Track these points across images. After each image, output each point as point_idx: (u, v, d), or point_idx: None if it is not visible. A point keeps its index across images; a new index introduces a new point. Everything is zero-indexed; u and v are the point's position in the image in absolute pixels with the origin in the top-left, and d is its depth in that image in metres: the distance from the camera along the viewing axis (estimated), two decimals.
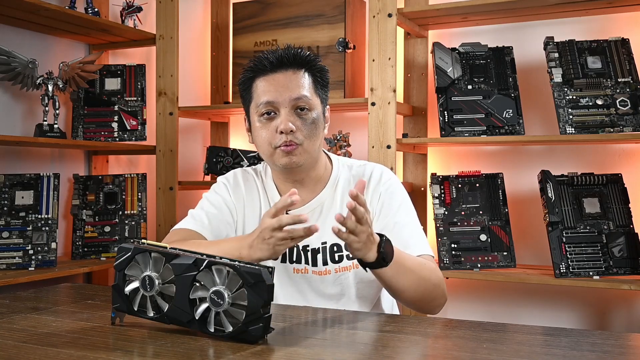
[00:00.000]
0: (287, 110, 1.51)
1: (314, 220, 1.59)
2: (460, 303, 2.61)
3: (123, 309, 1.21)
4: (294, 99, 1.52)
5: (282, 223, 1.29)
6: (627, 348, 1.17)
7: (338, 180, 1.63)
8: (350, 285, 1.58)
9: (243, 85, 1.60)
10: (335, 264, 1.58)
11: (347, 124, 2.76)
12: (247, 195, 1.66)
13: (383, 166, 1.67)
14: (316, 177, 1.62)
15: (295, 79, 1.53)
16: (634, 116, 2.24)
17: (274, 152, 1.53)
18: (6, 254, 2.43)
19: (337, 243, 1.58)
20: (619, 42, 2.34)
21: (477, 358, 1.03)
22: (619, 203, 2.28)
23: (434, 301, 1.51)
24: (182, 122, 2.90)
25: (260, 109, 1.53)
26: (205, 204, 1.65)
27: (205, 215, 1.61)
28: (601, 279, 2.20)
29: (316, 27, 2.58)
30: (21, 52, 2.53)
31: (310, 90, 1.54)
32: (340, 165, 1.67)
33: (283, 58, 1.54)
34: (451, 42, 2.55)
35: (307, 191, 1.62)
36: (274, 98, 1.52)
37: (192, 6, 3.08)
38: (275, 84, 1.53)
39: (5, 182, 2.50)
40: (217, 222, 1.61)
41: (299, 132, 1.51)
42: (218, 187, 1.69)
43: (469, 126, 2.38)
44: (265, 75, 1.54)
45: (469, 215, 2.42)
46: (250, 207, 1.65)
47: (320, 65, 1.59)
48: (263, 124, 1.54)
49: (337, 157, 1.70)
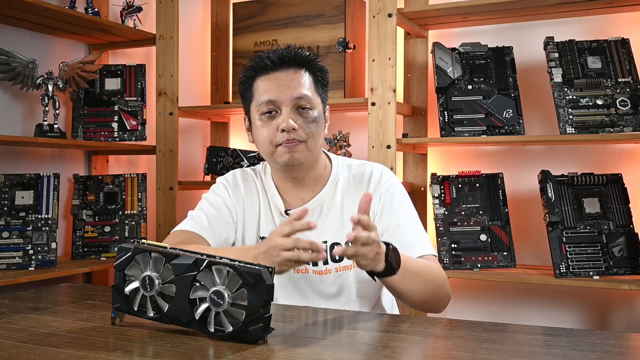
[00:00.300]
0: (289, 109, 1.52)
1: (314, 219, 1.59)
2: (460, 303, 2.61)
3: (123, 309, 1.21)
4: (296, 98, 1.52)
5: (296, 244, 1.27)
6: (627, 348, 1.17)
7: (338, 180, 1.63)
8: (350, 285, 1.58)
9: (243, 84, 1.60)
10: (336, 263, 1.58)
11: (347, 124, 2.76)
12: (246, 196, 1.66)
13: (383, 166, 1.67)
14: (316, 176, 1.62)
15: (297, 77, 1.54)
16: (634, 116, 2.24)
17: (275, 150, 1.53)
18: (6, 254, 2.43)
19: (337, 242, 1.58)
20: (619, 42, 2.34)
21: (477, 358, 1.03)
22: (619, 203, 2.28)
23: (439, 302, 1.51)
24: (182, 122, 2.90)
25: (262, 108, 1.53)
26: (204, 205, 1.65)
27: (205, 216, 1.61)
28: (601, 279, 2.20)
29: (316, 27, 2.58)
30: (21, 52, 2.53)
31: (311, 90, 1.55)
32: (340, 164, 1.67)
33: (284, 57, 1.54)
34: (451, 42, 2.55)
35: (307, 190, 1.62)
36: (276, 97, 1.52)
37: (192, 6, 3.08)
38: (277, 82, 1.53)
39: (5, 182, 2.50)
40: (217, 223, 1.60)
41: (301, 130, 1.51)
42: (217, 188, 1.68)
43: (469, 126, 2.38)
44: (266, 74, 1.55)
45: (469, 215, 2.42)
46: (250, 207, 1.65)
47: (320, 65, 1.59)
48: (264, 123, 1.54)
49: (337, 156, 1.70)
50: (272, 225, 1.62)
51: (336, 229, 1.59)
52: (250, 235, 1.64)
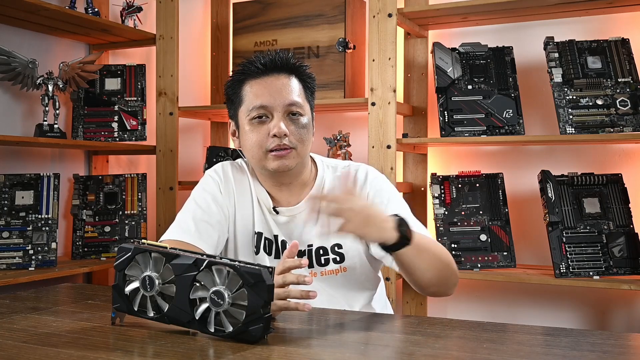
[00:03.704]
0: (281, 115, 1.51)
1: (301, 222, 1.59)
2: (460, 303, 2.61)
3: (123, 309, 1.21)
4: (288, 105, 1.52)
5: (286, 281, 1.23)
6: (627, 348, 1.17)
7: (324, 183, 1.63)
8: (338, 289, 1.57)
9: (232, 88, 1.58)
10: (321, 267, 1.57)
11: (347, 124, 2.76)
12: (237, 189, 1.62)
13: (368, 166, 1.66)
14: (302, 180, 1.61)
15: (289, 84, 1.54)
16: (634, 116, 2.24)
17: (264, 155, 1.52)
18: (6, 254, 2.43)
19: (323, 246, 1.57)
20: (619, 42, 2.34)
21: (477, 358, 1.03)
22: (619, 203, 2.28)
23: (448, 280, 1.48)
24: (182, 122, 2.90)
25: (253, 113, 1.52)
26: (192, 207, 1.59)
27: (192, 220, 1.55)
28: (601, 279, 2.20)
29: (316, 27, 2.58)
30: (21, 52, 2.53)
31: (301, 96, 1.55)
32: (325, 167, 1.66)
33: (275, 62, 1.54)
34: (451, 42, 2.55)
35: (293, 194, 1.61)
36: (268, 102, 1.51)
37: (192, 6, 3.08)
38: (268, 87, 1.52)
39: (6, 182, 2.50)
40: (204, 226, 1.55)
41: (292, 136, 1.51)
42: (206, 182, 1.64)
43: (469, 126, 2.39)
44: (256, 78, 1.54)
45: (469, 215, 2.42)
46: (242, 200, 1.62)
47: (309, 72, 1.60)
48: (254, 127, 1.53)
49: (320, 158, 1.69)
50: (264, 221, 1.60)
51: (322, 232, 1.58)
52: (244, 229, 1.60)
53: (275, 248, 1.59)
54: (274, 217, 1.60)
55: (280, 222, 1.60)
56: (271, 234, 1.60)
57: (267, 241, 1.60)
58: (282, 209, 1.60)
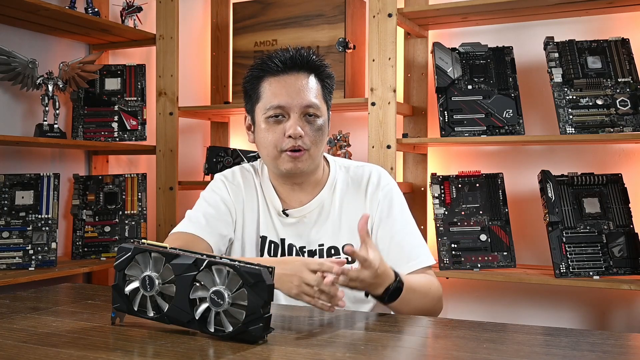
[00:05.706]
0: (297, 116, 1.51)
1: (312, 222, 1.59)
2: (460, 303, 2.61)
3: (123, 309, 1.21)
4: (305, 106, 1.51)
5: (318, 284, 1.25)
6: (627, 348, 1.17)
7: (336, 183, 1.63)
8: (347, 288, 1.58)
9: (250, 83, 1.58)
10: None
11: (347, 124, 2.76)
12: (246, 194, 1.65)
13: (380, 168, 1.66)
14: (314, 180, 1.62)
15: (307, 84, 1.53)
16: (634, 116, 2.24)
17: (279, 155, 1.53)
18: (6, 254, 2.43)
19: (334, 246, 1.59)
20: (619, 42, 2.34)
21: (477, 358, 1.03)
22: (619, 203, 2.28)
23: (432, 314, 1.52)
24: (182, 122, 2.90)
25: (269, 112, 1.52)
26: (202, 204, 1.63)
27: (203, 216, 1.59)
28: (601, 279, 2.20)
29: (316, 27, 2.58)
30: (21, 52, 2.53)
31: (319, 97, 1.54)
32: (337, 167, 1.66)
33: (296, 60, 1.53)
34: (451, 42, 2.55)
35: (306, 193, 1.62)
36: (286, 102, 1.51)
37: (192, 6, 3.08)
38: (287, 87, 1.51)
39: (5, 182, 2.50)
40: (215, 222, 1.59)
41: (307, 138, 1.51)
42: (216, 185, 1.66)
43: (469, 126, 2.38)
44: (275, 76, 1.53)
45: (469, 215, 2.42)
46: (249, 206, 1.64)
47: (329, 72, 1.58)
48: (270, 126, 1.53)
49: (334, 158, 1.69)
50: (270, 224, 1.62)
51: (333, 232, 1.59)
52: (250, 233, 1.63)
53: (281, 251, 1.60)
54: (282, 219, 1.61)
55: (288, 224, 1.60)
56: (277, 237, 1.61)
57: (272, 244, 1.60)
58: (291, 211, 1.60)
